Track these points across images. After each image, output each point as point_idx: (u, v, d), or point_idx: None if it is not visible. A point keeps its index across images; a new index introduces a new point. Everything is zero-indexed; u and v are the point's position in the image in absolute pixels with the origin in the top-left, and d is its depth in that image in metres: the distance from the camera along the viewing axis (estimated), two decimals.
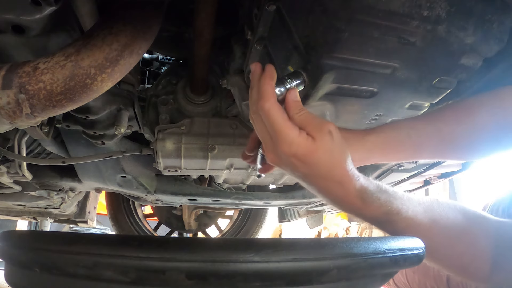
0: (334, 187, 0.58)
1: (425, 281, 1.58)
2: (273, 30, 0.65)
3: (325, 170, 0.56)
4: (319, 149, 0.55)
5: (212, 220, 2.23)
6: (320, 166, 0.56)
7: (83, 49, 0.56)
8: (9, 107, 0.53)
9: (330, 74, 0.58)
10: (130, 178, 1.20)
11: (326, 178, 0.57)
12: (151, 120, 1.00)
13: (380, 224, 0.63)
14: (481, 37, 0.56)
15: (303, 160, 0.56)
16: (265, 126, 0.57)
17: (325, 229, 4.83)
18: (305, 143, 0.55)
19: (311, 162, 0.56)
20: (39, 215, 1.82)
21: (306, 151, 0.55)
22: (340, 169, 0.57)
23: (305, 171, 0.57)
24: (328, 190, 0.59)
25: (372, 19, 0.51)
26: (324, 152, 0.55)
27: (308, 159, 0.55)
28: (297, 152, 0.55)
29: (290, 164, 0.57)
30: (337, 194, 0.59)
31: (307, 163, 0.56)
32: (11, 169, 1.06)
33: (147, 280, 0.58)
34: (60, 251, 0.64)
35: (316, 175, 0.57)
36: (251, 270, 0.61)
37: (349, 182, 0.58)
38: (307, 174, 0.58)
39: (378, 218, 0.61)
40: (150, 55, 1.32)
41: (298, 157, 0.55)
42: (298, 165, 0.56)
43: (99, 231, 4.47)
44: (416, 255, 0.71)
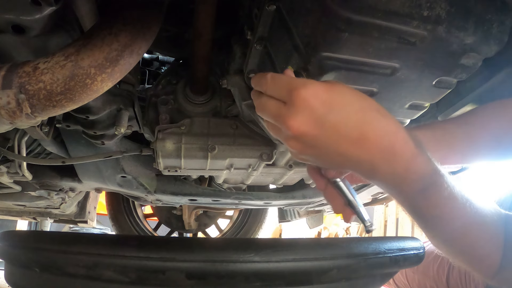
0: (377, 118, 0.47)
1: (424, 281, 1.58)
2: (273, 30, 0.65)
3: (356, 99, 0.47)
4: (336, 83, 0.47)
5: (212, 220, 2.23)
6: (347, 97, 0.47)
7: (83, 49, 0.56)
8: (9, 107, 0.53)
9: (330, 74, 0.59)
10: (130, 178, 1.20)
11: (363, 108, 0.47)
12: (151, 120, 1.00)
13: (422, 193, 0.51)
14: (481, 37, 0.56)
15: (327, 97, 0.46)
16: (272, 100, 0.50)
17: (325, 229, 4.84)
18: (319, 82, 0.47)
19: (336, 95, 0.46)
20: (39, 215, 1.82)
21: (325, 86, 0.46)
22: (371, 99, 0.49)
23: (335, 109, 0.46)
24: (374, 126, 0.46)
25: (372, 19, 0.51)
26: (342, 86, 0.48)
27: (332, 93, 0.46)
28: (315, 89, 0.46)
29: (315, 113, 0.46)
30: (387, 128, 0.47)
31: (333, 98, 0.46)
32: (11, 169, 1.06)
33: (147, 280, 0.58)
34: (60, 251, 0.65)
35: (349, 110, 0.46)
36: (251, 270, 0.61)
37: (387, 112, 0.48)
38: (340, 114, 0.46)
39: (425, 178, 0.49)
40: (150, 55, 1.32)
41: (319, 94, 0.46)
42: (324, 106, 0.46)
43: (99, 231, 4.47)
44: (416, 255, 0.71)
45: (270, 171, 1.09)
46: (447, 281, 1.48)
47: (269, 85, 0.50)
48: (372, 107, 0.48)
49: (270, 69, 0.68)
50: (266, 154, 0.95)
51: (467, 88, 0.74)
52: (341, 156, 0.48)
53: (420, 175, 0.49)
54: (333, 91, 0.47)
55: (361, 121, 0.46)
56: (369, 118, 0.47)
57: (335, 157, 0.49)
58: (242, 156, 0.95)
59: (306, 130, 0.47)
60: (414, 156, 0.48)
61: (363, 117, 0.47)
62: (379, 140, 0.47)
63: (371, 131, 0.46)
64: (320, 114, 0.46)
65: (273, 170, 1.08)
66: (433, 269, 1.53)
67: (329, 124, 0.46)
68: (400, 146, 0.47)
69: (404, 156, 0.48)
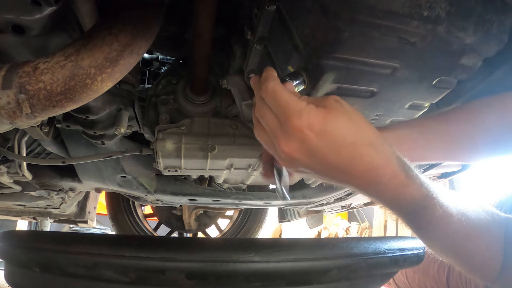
0: (368, 153, 0.48)
1: (425, 281, 1.58)
2: (273, 30, 0.65)
3: (351, 132, 0.48)
4: (333, 111, 0.48)
5: (212, 220, 2.23)
6: (343, 128, 0.48)
7: (83, 49, 0.56)
8: (9, 107, 0.53)
9: (330, 74, 0.59)
10: (130, 178, 1.20)
11: (355, 143, 0.48)
12: (151, 120, 1.00)
13: (414, 214, 0.53)
14: (481, 37, 0.56)
15: (320, 129, 0.47)
16: (271, 113, 0.51)
17: (325, 229, 4.84)
18: (315, 110, 0.48)
19: (330, 127, 0.47)
20: (39, 215, 1.82)
21: (319, 116, 0.47)
22: (368, 129, 0.50)
23: (327, 142, 0.48)
24: (363, 160, 0.48)
25: (372, 19, 0.51)
26: (340, 114, 0.48)
27: (325, 124, 0.47)
28: (310, 120, 0.47)
29: (306, 143, 0.48)
30: (376, 163, 0.49)
31: (326, 131, 0.47)
32: (11, 169, 1.06)
33: (147, 280, 0.58)
34: (60, 251, 0.65)
35: (341, 143, 0.48)
36: (251, 270, 0.61)
37: (383, 143, 0.50)
38: (331, 148, 0.48)
39: (416, 203, 0.51)
40: (150, 55, 1.32)
41: (313, 126, 0.47)
42: (317, 138, 0.47)
43: (99, 231, 4.47)
44: (416, 255, 0.71)
45: None
46: (447, 281, 1.48)
47: (269, 98, 0.51)
48: (364, 140, 0.49)
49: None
50: None
51: (467, 87, 0.74)
52: (332, 179, 0.53)
53: (410, 202, 0.52)
54: (328, 122, 0.48)
55: (350, 156, 0.49)
56: (360, 152, 0.49)
57: (325, 178, 0.53)
58: (242, 156, 0.95)
59: (298, 157, 0.49)
60: (403, 187, 0.50)
61: (354, 151, 0.49)
62: (366, 174, 0.49)
63: (360, 165, 0.49)
64: (313, 145, 0.48)
65: None
66: (433, 268, 1.53)
67: (320, 155, 0.49)
68: (387, 180, 0.50)
69: (391, 188, 0.50)
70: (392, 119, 0.76)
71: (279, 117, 0.50)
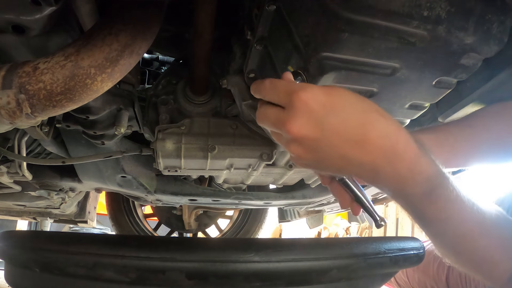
0: (379, 119, 0.46)
1: (424, 280, 1.59)
2: (273, 30, 0.65)
3: (357, 101, 0.46)
4: (335, 87, 0.47)
5: (212, 220, 2.23)
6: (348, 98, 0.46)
7: (83, 49, 0.56)
8: (9, 107, 0.53)
9: (330, 74, 0.59)
10: (130, 178, 1.20)
11: (364, 110, 0.46)
12: (151, 120, 1.00)
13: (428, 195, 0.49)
14: (481, 37, 0.56)
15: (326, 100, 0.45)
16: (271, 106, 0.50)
17: (325, 229, 4.84)
18: (318, 86, 0.46)
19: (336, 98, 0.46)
20: (39, 215, 1.82)
21: (323, 90, 0.46)
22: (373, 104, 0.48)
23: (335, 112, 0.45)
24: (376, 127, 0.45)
25: (372, 19, 0.51)
26: (343, 90, 0.47)
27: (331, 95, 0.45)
28: (314, 92, 0.45)
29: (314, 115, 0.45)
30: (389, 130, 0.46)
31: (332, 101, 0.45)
32: (11, 169, 1.06)
33: (147, 280, 0.58)
34: (60, 251, 0.65)
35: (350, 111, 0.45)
36: (251, 270, 0.61)
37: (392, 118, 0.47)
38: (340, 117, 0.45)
39: (430, 179, 0.48)
40: (150, 55, 1.32)
41: (319, 97, 0.45)
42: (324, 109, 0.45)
43: (99, 231, 4.47)
44: (416, 255, 0.71)
45: (270, 171, 1.09)
46: (446, 280, 1.48)
47: (267, 90, 0.50)
48: (372, 108, 0.47)
49: (270, 69, 0.68)
50: (266, 154, 0.95)
51: (467, 88, 0.74)
52: (343, 159, 0.47)
53: (425, 177, 0.48)
54: (332, 94, 0.46)
55: (362, 123, 0.46)
56: (370, 119, 0.46)
57: (336, 160, 0.48)
58: (242, 156, 0.95)
59: (306, 133, 0.46)
60: (417, 157, 0.47)
61: (364, 119, 0.46)
62: (380, 141, 0.46)
63: (372, 132, 0.46)
64: (320, 116, 0.45)
65: (273, 170, 1.08)
66: (433, 268, 1.54)
67: (329, 127, 0.45)
68: (402, 146, 0.46)
69: (407, 156, 0.47)
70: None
71: (282, 101, 0.48)
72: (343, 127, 0.45)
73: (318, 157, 0.49)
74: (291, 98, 0.46)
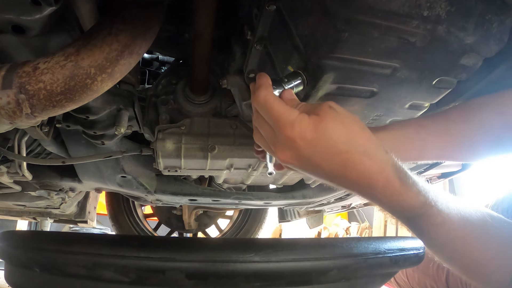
0: (361, 161, 0.48)
1: (424, 280, 1.58)
2: (273, 30, 0.65)
3: (343, 139, 0.48)
4: (326, 119, 0.48)
5: (212, 220, 2.23)
6: (335, 136, 0.48)
7: (83, 49, 0.56)
8: (9, 107, 0.53)
9: (330, 74, 0.59)
10: (130, 178, 1.20)
11: (348, 151, 0.48)
12: (151, 120, 1.00)
13: (412, 220, 0.53)
14: (481, 37, 0.56)
15: (312, 138, 0.48)
16: (266, 123, 0.52)
17: (325, 229, 4.84)
18: (307, 119, 0.48)
19: (322, 135, 0.47)
20: (39, 215, 1.82)
21: (311, 125, 0.48)
22: (362, 136, 0.49)
23: (319, 150, 0.48)
24: (356, 168, 0.48)
25: (372, 19, 0.51)
26: (333, 122, 0.48)
27: (318, 133, 0.47)
28: (302, 130, 0.48)
29: (300, 152, 0.49)
30: (369, 170, 0.48)
31: (318, 139, 0.48)
32: (11, 169, 1.06)
33: (147, 280, 0.58)
34: (60, 251, 0.64)
35: (333, 151, 0.48)
36: (251, 270, 0.61)
37: (377, 150, 0.49)
38: (324, 156, 0.48)
39: (413, 210, 0.51)
40: (150, 55, 1.32)
41: (305, 135, 0.48)
42: (309, 147, 0.48)
43: (99, 231, 4.47)
44: (416, 255, 0.71)
45: None
46: (446, 280, 1.48)
47: (261, 109, 0.52)
48: (358, 148, 0.49)
49: (270, 69, 0.68)
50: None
51: (466, 87, 0.74)
52: (327, 183, 0.54)
53: (406, 209, 0.51)
54: (320, 130, 0.48)
55: (343, 164, 0.49)
56: (351, 161, 0.49)
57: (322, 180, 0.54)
58: (242, 156, 0.95)
59: (293, 163, 0.51)
60: (398, 195, 0.50)
61: (346, 160, 0.49)
62: (358, 182, 0.50)
63: (352, 173, 0.49)
64: (305, 154, 0.49)
65: None
66: (432, 268, 1.54)
67: (313, 163, 0.50)
68: (381, 187, 0.49)
69: (386, 195, 0.50)
70: (392, 119, 0.76)
71: (273, 127, 0.51)
72: (327, 165, 0.49)
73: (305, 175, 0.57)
74: (279, 131, 0.49)
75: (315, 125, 0.48)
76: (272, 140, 0.52)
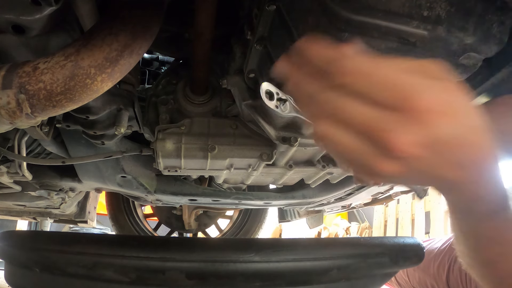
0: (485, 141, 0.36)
1: (425, 279, 1.59)
2: (273, 30, 0.65)
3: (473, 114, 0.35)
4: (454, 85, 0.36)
5: (212, 220, 2.23)
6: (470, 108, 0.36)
7: (83, 49, 0.56)
8: (9, 107, 0.53)
9: None
10: (130, 178, 1.20)
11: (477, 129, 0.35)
12: (151, 120, 1.00)
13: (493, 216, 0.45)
14: (481, 37, 0.56)
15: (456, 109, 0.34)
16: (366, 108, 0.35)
17: (325, 229, 4.84)
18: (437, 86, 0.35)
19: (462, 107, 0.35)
20: (39, 215, 1.82)
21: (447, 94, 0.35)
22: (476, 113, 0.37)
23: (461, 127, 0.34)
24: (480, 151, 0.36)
25: (372, 19, 0.51)
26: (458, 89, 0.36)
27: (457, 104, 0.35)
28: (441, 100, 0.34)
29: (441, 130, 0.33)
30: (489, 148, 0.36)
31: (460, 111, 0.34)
32: (11, 169, 1.06)
33: (147, 280, 0.58)
34: (60, 251, 0.65)
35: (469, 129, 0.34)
36: (251, 270, 0.61)
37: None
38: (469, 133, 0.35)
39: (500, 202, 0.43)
40: (150, 55, 1.32)
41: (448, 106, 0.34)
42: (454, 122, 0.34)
43: (99, 231, 4.47)
44: (416, 255, 0.71)
45: (270, 171, 1.09)
46: (447, 279, 1.48)
47: (363, 83, 0.35)
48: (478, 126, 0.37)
49: (270, 69, 0.68)
50: (266, 154, 0.95)
51: (467, 88, 0.74)
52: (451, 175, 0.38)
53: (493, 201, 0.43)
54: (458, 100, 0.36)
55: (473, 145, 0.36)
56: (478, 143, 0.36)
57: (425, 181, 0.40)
58: (242, 156, 0.95)
59: (420, 153, 0.34)
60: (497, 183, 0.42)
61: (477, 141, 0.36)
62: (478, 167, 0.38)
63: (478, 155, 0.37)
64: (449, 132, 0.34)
65: (273, 170, 1.08)
66: (433, 267, 1.54)
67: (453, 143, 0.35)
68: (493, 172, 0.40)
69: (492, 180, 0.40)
70: None
71: (390, 102, 0.34)
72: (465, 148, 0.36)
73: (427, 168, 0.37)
74: (404, 105, 0.33)
75: (450, 93, 0.35)
76: (382, 124, 0.34)
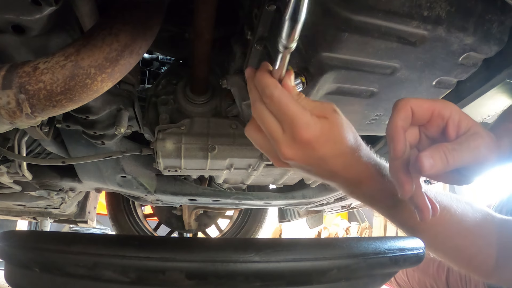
0: (358, 161, 0.55)
1: (424, 279, 1.59)
2: (273, 30, 0.65)
3: (347, 143, 0.53)
4: (336, 122, 0.52)
5: (212, 220, 2.23)
6: (343, 140, 0.53)
7: (83, 49, 0.56)
8: (9, 107, 0.53)
9: (330, 74, 0.58)
10: (130, 178, 1.20)
11: (349, 153, 0.54)
12: (151, 120, 1.00)
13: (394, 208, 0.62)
14: (481, 37, 0.56)
15: (326, 140, 0.52)
16: (274, 121, 0.52)
17: (325, 229, 4.84)
18: (321, 123, 0.51)
19: (333, 138, 0.52)
20: (39, 215, 1.82)
21: (325, 129, 0.51)
22: (358, 139, 0.55)
23: (329, 152, 0.53)
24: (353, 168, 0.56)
25: (372, 19, 0.51)
26: (341, 127, 0.53)
27: (330, 136, 0.52)
28: (317, 133, 0.51)
29: (312, 153, 0.52)
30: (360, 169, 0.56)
31: (330, 141, 0.52)
32: (11, 169, 1.06)
33: (147, 280, 0.58)
34: (60, 251, 0.64)
35: (338, 153, 0.53)
36: (251, 270, 0.61)
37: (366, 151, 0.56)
38: (331, 157, 0.53)
39: (394, 197, 0.57)
40: (150, 55, 1.32)
41: (320, 139, 0.51)
42: (322, 148, 0.52)
43: (99, 231, 4.47)
44: (416, 255, 0.71)
45: (270, 171, 1.09)
46: (446, 280, 1.48)
47: (274, 107, 0.51)
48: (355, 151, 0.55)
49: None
50: None
51: (467, 88, 0.74)
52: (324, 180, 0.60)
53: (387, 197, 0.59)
54: (332, 134, 0.52)
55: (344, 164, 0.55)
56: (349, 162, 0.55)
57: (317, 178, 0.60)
58: (242, 156, 0.95)
59: (298, 162, 0.54)
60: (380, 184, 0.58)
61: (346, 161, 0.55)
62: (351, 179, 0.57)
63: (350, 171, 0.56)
64: (317, 156, 0.52)
65: (273, 170, 1.08)
66: (433, 267, 1.54)
67: (320, 163, 0.54)
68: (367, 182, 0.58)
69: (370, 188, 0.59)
70: None
71: (283, 125, 0.51)
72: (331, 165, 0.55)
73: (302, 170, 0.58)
74: (294, 131, 0.50)
75: (328, 129, 0.52)
76: (278, 136, 0.52)
